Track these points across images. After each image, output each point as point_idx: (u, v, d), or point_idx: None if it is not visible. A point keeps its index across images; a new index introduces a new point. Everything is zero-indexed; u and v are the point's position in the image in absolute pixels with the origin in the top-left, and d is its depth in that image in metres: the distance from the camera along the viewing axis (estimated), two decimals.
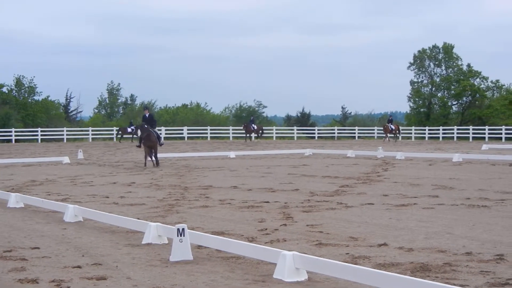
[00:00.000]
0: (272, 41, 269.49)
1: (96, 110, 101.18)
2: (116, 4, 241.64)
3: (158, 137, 30.22)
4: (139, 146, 30.62)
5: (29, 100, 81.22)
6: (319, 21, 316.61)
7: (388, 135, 63.11)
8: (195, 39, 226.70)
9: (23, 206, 16.34)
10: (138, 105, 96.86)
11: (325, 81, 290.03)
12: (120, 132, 66.27)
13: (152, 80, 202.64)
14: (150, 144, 29.70)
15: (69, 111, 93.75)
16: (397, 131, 64.30)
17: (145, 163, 30.21)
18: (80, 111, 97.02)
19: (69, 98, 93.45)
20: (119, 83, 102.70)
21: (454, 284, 7.85)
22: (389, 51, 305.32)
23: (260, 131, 65.24)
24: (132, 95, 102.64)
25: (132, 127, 65.66)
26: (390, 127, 62.74)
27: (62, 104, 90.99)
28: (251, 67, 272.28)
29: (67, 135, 69.07)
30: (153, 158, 30.21)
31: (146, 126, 29.61)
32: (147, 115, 30.27)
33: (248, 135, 64.84)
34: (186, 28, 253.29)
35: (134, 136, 65.44)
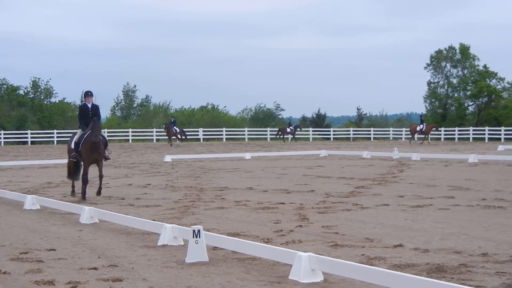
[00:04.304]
0: (287, 43, 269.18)
1: (112, 112, 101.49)
2: (132, 7, 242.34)
3: (106, 145, 18.57)
4: (74, 158, 18.38)
5: (45, 102, 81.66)
6: (335, 23, 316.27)
7: (417, 136, 60.32)
8: (211, 41, 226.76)
9: (39, 208, 16.43)
10: (152, 106, 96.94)
11: (341, 82, 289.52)
12: (280, 132, 67.95)
13: (168, 82, 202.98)
14: (96, 157, 18.04)
15: None
16: (427, 133, 58.43)
17: (73, 189, 18.70)
18: None
19: (84, 100, 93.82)
20: (135, 85, 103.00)
21: (470, 285, 7.83)
22: (406, 52, 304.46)
23: (183, 134, 60.04)
24: (147, 96, 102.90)
25: (291, 127, 66.74)
26: (419, 126, 58.61)
27: (78, 106, 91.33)
28: (267, 69, 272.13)
29: None
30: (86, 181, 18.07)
31: (98, 122, 18.05)
32: (89, 105, 18.75)
33: (170, 137, 59.29)
34: (202, 30, 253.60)
35: (292, 137, 66.65)
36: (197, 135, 71.03)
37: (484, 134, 65.87)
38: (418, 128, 58.77)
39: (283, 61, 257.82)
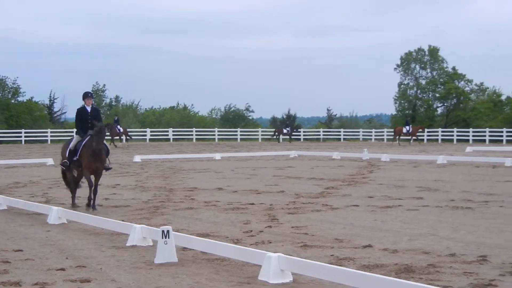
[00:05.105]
0: (258, 44, 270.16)
1: None
2: (103, 5, 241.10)
3: (107, 153, 16.31)
4: (67, 166, 16.37)
5: (13, 101, 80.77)
6: (305, 24, 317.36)
7: (409, 138, 60.26)
8: (182, 40, 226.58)
9: (6, 208, 16.24)
10: (121, 106, 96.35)
11: (311, 82, 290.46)
12: (277, 133, 68.27)
13: (138, 81, 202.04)
14: (98, 166, 15.98)
15: (53, 112, 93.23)
16: (415, 133, 58.92)
17: (74, 200, 16.61)
18: (64, 112, 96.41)
19: (53, 99, 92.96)
20: (104, 84, 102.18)
21: (438, 286, 7.88)
22: (378, 53, 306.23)
23: (127, 134, 57.81)
24: (117, 96, 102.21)
25: (288, 129, 66.89)
26: (405, 128, 58.47)
27: (46, 105, 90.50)
28: (238, 69, 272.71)
29: (51, 136, 68.69)
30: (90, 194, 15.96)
31: (103, 128, 16.04)
32: (88, 108, 16.45)
33: (113, 138, 55.33)
34: (174, 29, 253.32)
35: (291, 137, 66.79)
36: (167, 135, 70.77)
37: (452, 135, 66.51)
38: (404, 130, 58.80)
39: (254, 61, 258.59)
